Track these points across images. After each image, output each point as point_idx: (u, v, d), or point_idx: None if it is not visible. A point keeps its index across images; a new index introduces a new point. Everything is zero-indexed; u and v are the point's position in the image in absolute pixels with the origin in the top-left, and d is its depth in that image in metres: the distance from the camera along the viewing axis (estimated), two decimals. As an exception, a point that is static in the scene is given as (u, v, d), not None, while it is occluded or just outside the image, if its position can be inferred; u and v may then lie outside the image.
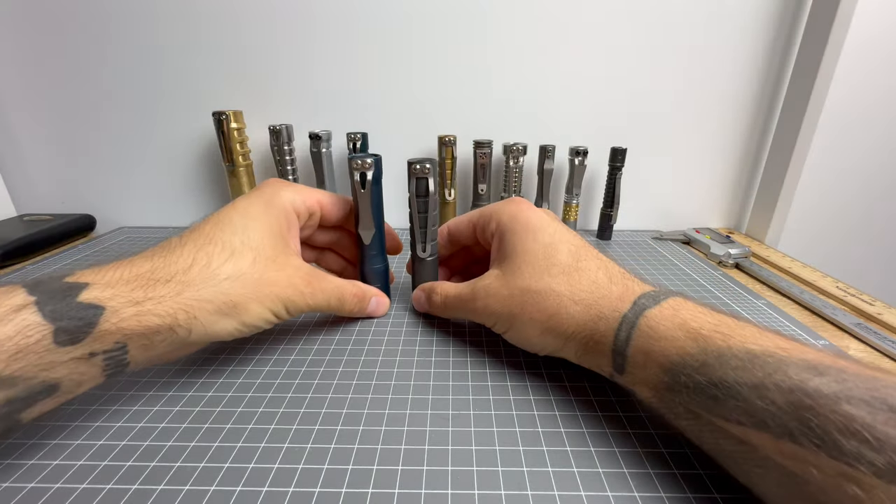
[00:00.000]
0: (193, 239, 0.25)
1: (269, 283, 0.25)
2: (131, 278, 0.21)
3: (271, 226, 0.27)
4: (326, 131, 0.48)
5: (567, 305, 0.24)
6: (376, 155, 0.31)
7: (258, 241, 0.26)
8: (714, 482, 0.20)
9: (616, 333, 0.22)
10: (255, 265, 0.25)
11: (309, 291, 0.27)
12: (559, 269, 0.25)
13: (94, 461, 0.21)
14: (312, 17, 0.47)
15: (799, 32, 0.47)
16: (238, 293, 0.24)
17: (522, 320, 0.25)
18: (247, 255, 0.25)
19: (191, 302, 0.22)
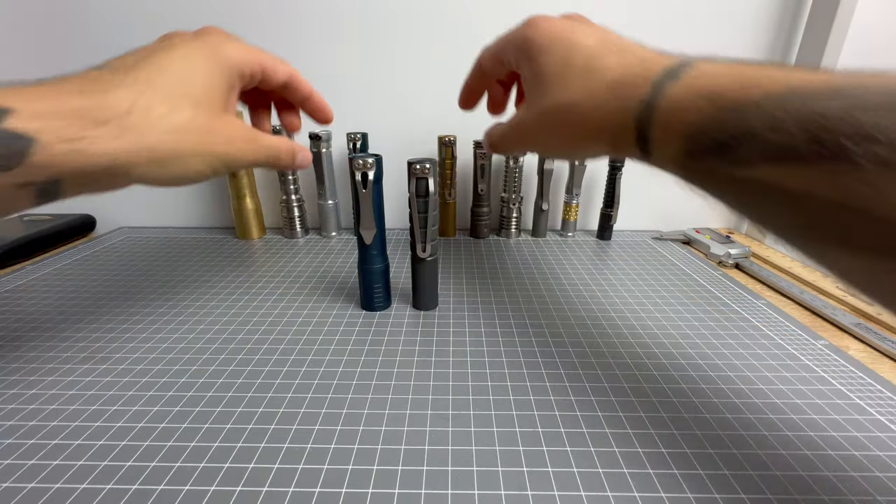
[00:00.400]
0: (130, 81, 0.23)
1: (211, 138, 0.25)
2: (63, 112, 0.20)
3: (213, 82, 0.26)
4: (326, 131, 0.48)
5: (588, 112, 0.23)
6: (377, 155, 0.31)
7: (200, 96, 0.25)
8: (714, 482, 0.20)
9: (637, 119, 0.21)
10: (196, 120, 0.25)
11: (249, 149, 0.27)
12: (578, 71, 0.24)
13: (95, 461, 0.21)
14: (312, 16, 0.47)
15: (799, 32, 0.47)
16: (177, 147, 0.24)
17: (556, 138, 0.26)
18: (188, 108, 0.25)
19: (129, 148, 0.22)
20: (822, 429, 0.23)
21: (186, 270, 0.42)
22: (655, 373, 0.27)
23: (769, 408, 0.25)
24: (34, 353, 0.29)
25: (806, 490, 0.19)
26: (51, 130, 0.20)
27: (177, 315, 0.34)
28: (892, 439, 0.22)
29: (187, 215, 0.55)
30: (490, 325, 0.33)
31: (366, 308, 0.35)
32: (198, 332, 0.31)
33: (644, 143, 0.21)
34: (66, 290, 0.38)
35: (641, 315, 0.34)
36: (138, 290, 0.38)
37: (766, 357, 0.29)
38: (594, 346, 0.30)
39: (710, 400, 0.25)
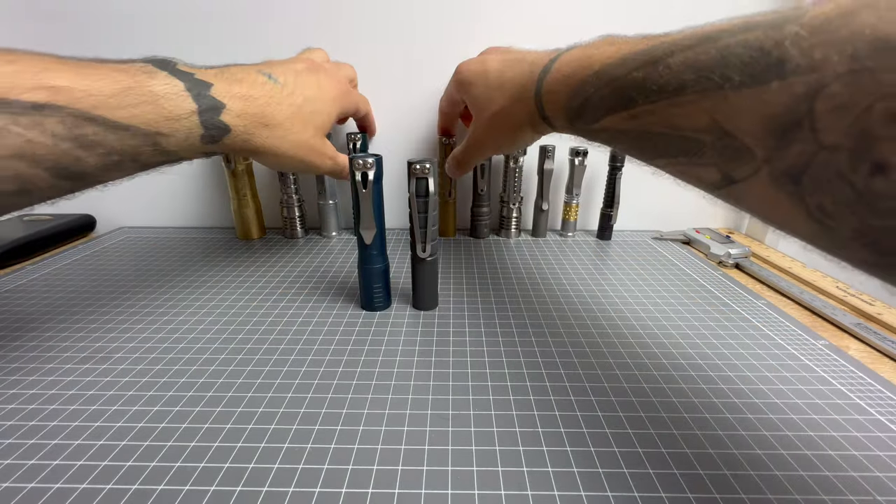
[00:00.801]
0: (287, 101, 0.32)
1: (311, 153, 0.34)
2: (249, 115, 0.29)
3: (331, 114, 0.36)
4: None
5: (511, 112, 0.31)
6: (377, 155, 0.31)
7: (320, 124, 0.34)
8: (714, 482, 0.20)
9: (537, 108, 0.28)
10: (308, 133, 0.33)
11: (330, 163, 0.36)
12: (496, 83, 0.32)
13: (95, 461, 0.21)
14: (312, 16, 0.47)
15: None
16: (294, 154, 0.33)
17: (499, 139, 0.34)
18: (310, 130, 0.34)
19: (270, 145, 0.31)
20: (822, 429, 0.23)
21: (186, 270, 0.42)
22: (655, 373, 0.27)
23: (769, 408, 0.25)
24: (34, 353, 0.29)
25: (806, 490, 0.19)
26: (240, 127, 0.29)
27: (177, 315, 0.34)
28: (893, 439, 0.22)
29: (187, 215, 0.55)
30: (490, 325, 0.33)
31: (366, 308, 0.35)
32: (198, 332, 0.31)
33: (547, 121, 0.28)
34: (66, 290, 0.38)
35: (641, 315, 0.34)
36: (138, 291, 0.38)
37: (766, 357, 0.29)
38: (594, 346, 0.30)
39: (710, 400, 0.25)
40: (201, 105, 0.26)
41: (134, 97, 0.24)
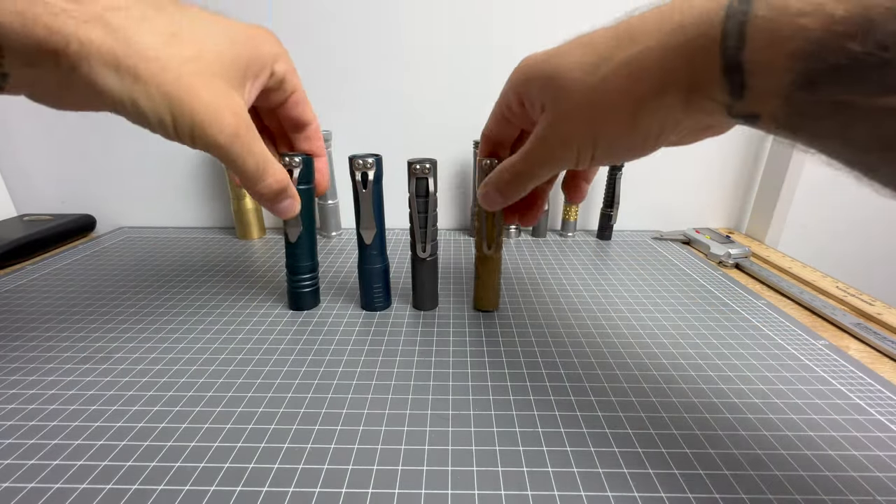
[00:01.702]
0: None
1: (190, 88, 0.20)
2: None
3: (238, 53, 0.23)
4: (326, 131, 0.48)
5: (642, 60, 0.18)
6: (377, 155, 0.31)
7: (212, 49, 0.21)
8: (714, 482, 0.20)
9: (723, 46, 0.16)
10: (189, 64, 0.20)
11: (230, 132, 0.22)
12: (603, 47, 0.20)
13: (95, 461, 0.21)
14: (312, 16, 0.47)
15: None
16: (150, 71, 0.19)
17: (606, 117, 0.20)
18: (188, 47, 0.21)
19: (91, 37, 0.18)
20: (822, 429, 0.23)
21: (186, 270, 0.42)
22: (655, 373, 0.27)
23: (769, 408, 0.25)
24: (34, 353, 0.29)
25: (806, 490, 0.19)
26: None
27: (177, 315, 0.34)
28: (892, 439, 0.22)
29: (187, 215, 0.55)
30: (490, 325, 0.33)
31: (366, 308, 0.35)
32: (198, 332, 0.31)
33: (735, 75, 0.16)
34: (66, 290, 0.38)
35: (641, 315, 0.34)
36: (138, 291, 0.38)
37: (766, 357, 0.29)
38: (594, 346, 0.30)
39: (710, 400, 0.25)
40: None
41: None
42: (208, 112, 0.21)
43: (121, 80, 0.19)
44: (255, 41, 0.24)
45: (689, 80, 0.18)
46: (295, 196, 0.28)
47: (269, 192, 0.26)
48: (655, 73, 0.18)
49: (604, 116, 0.20)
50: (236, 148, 0.23)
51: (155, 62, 0.19)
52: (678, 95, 0.18)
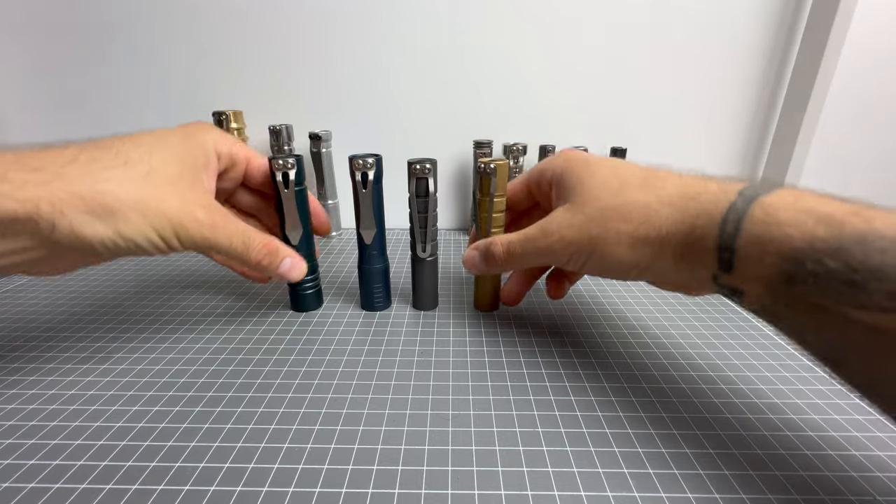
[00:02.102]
0: (86, 143, 0.22)
1: (159, 199, 0.22)
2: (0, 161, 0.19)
3: (182, 153, 0.25)
4: (326, 131, 0.48)
5: (657, 209, 0.22)
6: (377, 155, 0.31)
7: (161, 161, 0.23)
8: (714, 482, 0.20)
9: (721, 226, 0.19)
10: (149, 180, 0.22)
11: (208, 222, 0.24)
12: (636, 181, 0.23)
13: (94, 461, 0.21)
14: (313, 17, 0.47)
15: (800, 30, 0.47)
16: (117, 197, 0.21)
17: (606, 239, 0.23)
18: (141, 167, 0.22)
19: (60, 194, 0.20)
20: (822, 429, 0.23)
21: (186, 270, 0.42)
22: (655, 373, 0.27)
23: (769, 408, 0.25)
24: (34, 353, 0.29)
25: (806, 490, 0.19)
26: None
27: (177, 315, 0.34)
28: (893, 439, 0.22)
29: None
30: (490, 325, 0.33)
31: (366, 308, 0.35)
32: (197, 333, 0.31)
33: (727, 255, 0.19)
34: (66, 290, 0.38)
35: (641, 315, 0.34)
36: (138, 291, 0.38)
37: (766, 357, 0.29)
38: (594, 346, 0.30)
39: (710, 400, 0.25)
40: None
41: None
42: (182, 214, 0.23)
43: (100, 220, 0.21)
44: (193, 138, 0.26)
45: (685, 245, 0.21)
46: (295, 255, 0.29)
47: (265, 259, 0.27)
48: (661, 228, 0.21)
49: (606, 239, 0.23)
50: (219, 236, 0.25)
51: (120, 192, 0.21)
52: (673, 253, 0.21)
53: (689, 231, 0.21)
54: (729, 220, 0.19)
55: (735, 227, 0.19)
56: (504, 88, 0.50)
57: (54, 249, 0.21)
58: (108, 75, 0.49)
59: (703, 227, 0.20)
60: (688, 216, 0.21)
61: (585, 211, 0.24)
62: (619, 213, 0.23)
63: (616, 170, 0.25)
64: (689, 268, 0.21)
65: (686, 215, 0.21)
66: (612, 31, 0.48)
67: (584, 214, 0.24)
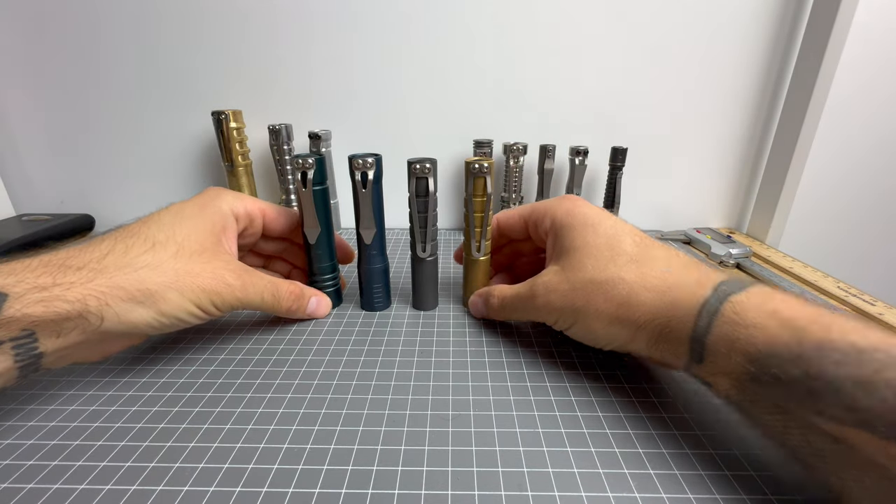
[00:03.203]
0: (116, 233, 0.25)
1: (192, 273, 0.25)
2: (38, 266, 0.21)
3: (203, 225, 0.27)
4: (326, 131, 0.48)
5: (638, 293, 0.23)
6: (377, 155, 0.31)
7: (185, 236, 0.26)
8: (715, 482, 0.20)
9: (696, 320, 0.20)
10: (179, 257, 0.25)
11: (238, 285, 0.26)
12: (625, 258, 0.24)
13: (94, 462, 0.20)
14: (312, 16, 0.47)
15: (800, 32, 0.47)
16: (154, 281, 0.23)
17: (587, 313, 0.24)
18: (170, 247, 0.25)
19: (102, 288, 0.22)
20: (824, 429, 0.23)
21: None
22: (656, 373, 0.27)
23: (770, 408, 0.24)
24: (33, 353, 0.29)
25: (806, 490, 0.19)
26: (24, 282, 0.20)
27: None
28: (894, 440, 0.22)
29: (187, 215, 0.55)
30: (490, 325, 0.32)
31: (366, 308, 0.35)
32: (197, 332, 0.31)
33: (697, 348, 0.20)
34: (66, 290, 0.38)
35: (642, 315, 0.34)
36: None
37: (767, 357, 0.29)
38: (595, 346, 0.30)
39: (710, 400, 0.25)
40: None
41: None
42: (215, 283, 0.25)
43: (141, 305, 0.23)
44: (209, 207, 0.28)
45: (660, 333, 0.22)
46: (319, 294, 0.33)
47: (294, 305, 0.31)
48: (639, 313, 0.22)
49: (587, 313, 0.24)
50: (250, 295, 0.27)
51: (155, 275, 0.23)
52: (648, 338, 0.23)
53: (666, 321, 0.22)
54: (703, 316, 0.20)
55: (707, 322, 0.20)
56: (504, 88, 0.50)
57: (104, 337, 0.23)
58: (108, 75, 0.49)
59: (678, 319, 0.21)
60: (666, 306, 0.22)
61: (573, 280, 0.25)
62: (602, 289, 0.24)
63: (612, 239, 0.25)
64: (664, 352, 0.22)
65: (664, 304, 0.22)
66: (613, 31, 0.48)
67: (570, 283, 0.25)
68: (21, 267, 0.21)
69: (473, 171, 0.30)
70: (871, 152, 0.55)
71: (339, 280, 0.35)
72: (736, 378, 0.19)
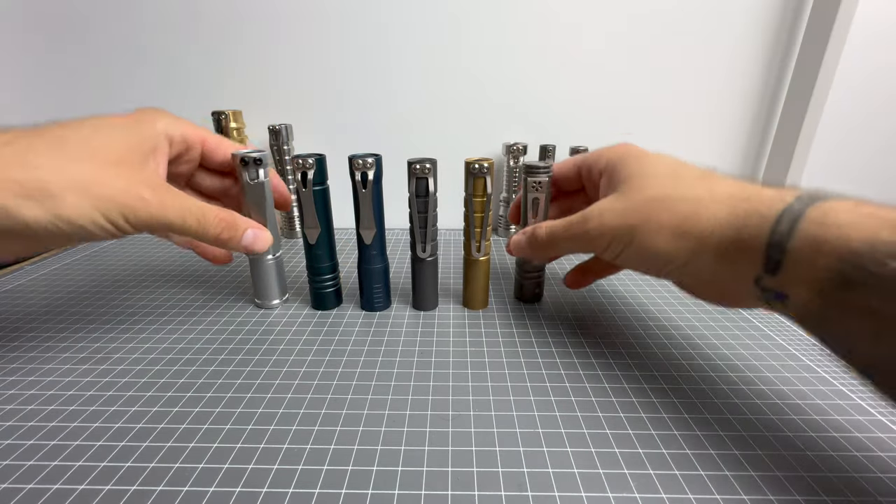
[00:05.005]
0: (22, 130, 0.22)
1: (101, 182, 0.22)
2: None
3: (127, 138, 0.24)
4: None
5: (707, 205, 0.21)
6: (377, 155, 0.31)
7: (101, 144, 0.23)
8: (715, 482, 0.20)
9: (774, 226, 0.19)
10: (88, 162, 0.22)
11: (156, 201, 0.23)
12: (691, 177, 0.23)
13: (93, 462, 0.20)
14: (313, 16, 0.47)
15: (801, 31, 0.47)
16: (53, 181, 0.21)
17: (647, 229, 0.23)
18: (79, 151, 0.22)
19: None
20: (824, 429, 0.23)
21: (186, 270, 0.42)
22: (656, 373, 0.27)
23: (770, 408, 0.24)
24: (33, 353, 0.29)
25: (807, 491, 0.19)
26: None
27: (176, 315, 0.34)
28: (894, 440, 0.22)
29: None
30: (490, 325, 0.32)
31: (366, 308, 0.35)
32: (197, 332, 0.31)
33: (776, 255, 0.19)
34: (66, 290, 0.38)
35: (641, 315, 0.34)
36: (138, 290, 0.37)
37: (767, 357, 0.29)
38: (595, 346, 0.30)
39: (710, 400, 0.25)
40: None
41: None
42: (128, 195, 0.22)
43: (37, 203, 0.20)
44: (141, 123, 0.26)
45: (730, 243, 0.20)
46: (257, 226, 0.28)
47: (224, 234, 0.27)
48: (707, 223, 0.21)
49: (646, 229, 0.23)
50: (169, 214, 0.24)
51: (56, 174, 0.21)
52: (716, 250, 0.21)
53: (738, 230, 0.20)
54: (783, 220, 0.19)
55: (790, 226, 0.18)
56: (504, 88, 0.50)
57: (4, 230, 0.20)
58: (108, 75, 0.49)
59: (753, 227, 0.19)
60: (738, 215, 0.20)
61: (631, 199, 0.24)
62: (664, 204, 0.22)
63: (673, 166, 0.24)
64: (730, 268, 0.20)
65: (736, 214, 0.20)
66: (615, 30, 0.48)
67: (628, 202, 0.24)
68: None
69: (473, 171, 0.30)
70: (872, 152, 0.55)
71: (339, 280, 0.35)
72: (820, 285, 0.17)
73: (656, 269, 0.24)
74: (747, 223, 0.20)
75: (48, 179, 0.20)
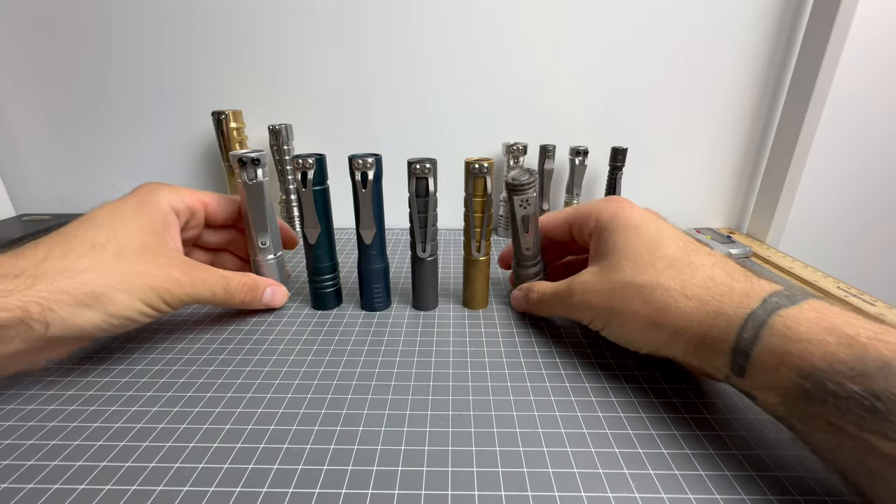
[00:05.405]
0: (50, 239, 0.24)
1: (138, 273, 0.24)
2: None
3: (142, 223, 0.27)
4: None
5: (677, 300, 0.22)
6: (377, 155, 0.31)
7: (125, 237, 0.25)
8: (715, 482, 0.20)
9: (739, 332, 0.20)
10: (121, 258, 0.24)
11: (187, 280, 0.26)
12: (666, 262, 0.23)
13: (93, 462, 0.20)
14: (313, 16, 0.47)
15: (800, 32, 0.47)
16: (99, 283, 0.23)
17: (623, 314, 0.24)
18: (110, 248, 0.24)
19: (44, 294, 0.21)
20: (824, 429, 0.23)
21: (186, 270, 0.42)
22: (656, 373, 0.27)
23: (770, 408, 0.24)
24: (33, 353, 0.29)
25: (806, 491, 0.19)
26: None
27: (176, 315, 0.34)
28: (894, 440, 0.22)
29: (187, 215, 0.55)
30: (490, 325, 0.32)
31: (366, 308, 0.35)
32: (196, 332, 0.31)
33: (740, 361, 0.20)
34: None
35: (642, 315, 0.34)
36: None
37: (767, 357, 0.29)
38: (595, 346, 0.30)
39: (710, 400, 0.25)
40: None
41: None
42: (164, 280, 0.25)
43: (88, 308, 0.22)
44: (146, 204, 0.28)
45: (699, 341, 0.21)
46: (274, 283, 0.33)
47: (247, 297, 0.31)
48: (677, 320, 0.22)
49: (623, 315, 0.24)
50: (200, 290, 0.27)
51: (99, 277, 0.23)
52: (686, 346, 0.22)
53: (707, 328, 0.21)
54: (748, 327, 0.19)
55: (753, 333, 0.19)
56: (504, 88, 0.50)
57: (51, 343, 0.22)
58: (108, 75, 0.49)
59: (720, 329, 0.20)
60: (708, 313, 0.21)
61: (610, 280, 0.25)
62: (639, 293, 0.23)
63: (653, 242, 0.25)
64: (704, 360, 0.22)
65: (706, 312, 0.21)
66: (615, 30, 0.48)
67: (607, 284, 0.25)
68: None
69: (473, 171, 0.30)
70: (872, 152, 0.55)
71: (339, 280, 0.35)
72: (784, 393, 0.18)
73: (635, 348, 0.25)
74: (716, 323, 0.21)
75: (94, 284, 0.23)
